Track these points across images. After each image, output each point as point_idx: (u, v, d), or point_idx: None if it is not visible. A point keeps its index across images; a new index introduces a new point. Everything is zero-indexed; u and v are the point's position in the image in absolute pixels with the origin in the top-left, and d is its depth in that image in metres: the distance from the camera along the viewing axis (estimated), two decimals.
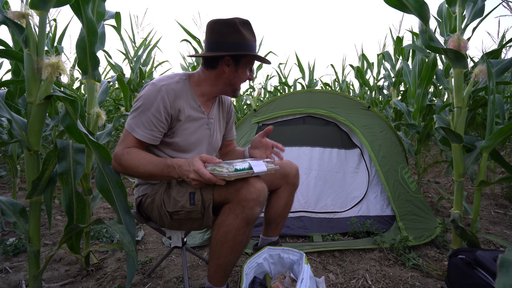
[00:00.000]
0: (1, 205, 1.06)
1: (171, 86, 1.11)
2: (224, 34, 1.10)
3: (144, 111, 1.06)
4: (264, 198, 1.01)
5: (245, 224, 0.99)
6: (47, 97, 1.02)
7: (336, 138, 2.09)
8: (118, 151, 1.06)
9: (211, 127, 1.25)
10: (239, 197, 0.98)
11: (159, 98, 1.06)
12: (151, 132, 1.07)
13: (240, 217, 0.98)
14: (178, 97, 1.12)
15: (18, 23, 1.01)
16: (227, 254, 1.02)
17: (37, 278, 1.07)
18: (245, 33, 1.12)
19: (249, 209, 0.98)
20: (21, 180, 3.30)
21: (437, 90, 3.19)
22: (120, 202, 1.06)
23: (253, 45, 1.15)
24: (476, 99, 1.70)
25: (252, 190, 0.98)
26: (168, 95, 1.08)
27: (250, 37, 1.14)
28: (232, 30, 1.10)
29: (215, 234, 1.02)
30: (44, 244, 1.79)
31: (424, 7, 1.29)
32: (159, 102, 1.06)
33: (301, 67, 5.08)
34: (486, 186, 1.50)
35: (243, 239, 1.02)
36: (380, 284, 1.39)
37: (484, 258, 1.08)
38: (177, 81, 1.14)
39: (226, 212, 1.01)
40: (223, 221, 1.00)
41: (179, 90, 1.13)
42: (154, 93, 1.07)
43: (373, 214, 1.95)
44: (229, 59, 1.14)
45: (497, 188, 2.99)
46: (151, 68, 4.03)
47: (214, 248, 1.03)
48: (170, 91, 1.10)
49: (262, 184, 1.02)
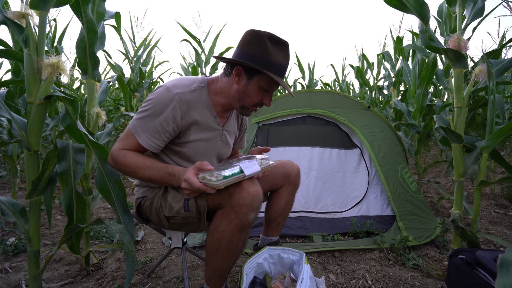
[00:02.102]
0: (1, 205, 1.06)
1: (185, 96, 1.03)
2: (248, 43, 1.02)
3: (152, 117, 0.99)
4: (258, 203, 0.96)
5: (239, 230, 0.95)
6: (47, 97, 1.02)
7: (336, 138, 2.09)
8: (115, 149, 1.01)
9: (224, 139, 1.19)
10: (232, 202, 0.94)
11: (170, 108, 0.99)
12: (155, 140, 1.01)
13: (234, 223, 0.94)
14: (193, 107, 1.05)
15: (18, 23, 1.01)
16: (222, 260, 1.00)
17: (37, 278, 1.07)
18: (271, 49, 1.00)
19: (242, 215, 0.93)
20: (21, 180, 3.30)
21: (437, 90, 3.20)
22: (119, 202, 1.06)
23: (277, 65, 1.01)
24: (476, 99, 1.70)
25: (245, 195, 0.93)
26: (180, 105, 1.01)
27: (276, 56, 1.01)
28: (257, 41, 1.00)
29: (209, 239, 0.99)
30: (44, 244, 1.79)
31: (424, 7, 1.29)
32: (169, 112, 0.99)
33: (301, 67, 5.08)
34: (486, 186, 1.50)
35: (238, 245, 0.98)
36: (380, 284, 1.39)
37: (484, 258, 1.08)
38: (194, 90, 1.06)
39: (219, 217, 0.97)
40: (217, 227, 0.97)
41: (195, 99, 1.05)
42: (166, 101, 1.00)
43: (373, 214, 1.95)
44: (241, 70, 1.03)
45: (497, 188, 2.99)
46: (151, 68, 4.03)
47: (209, 254, 1.01)
48: (184, 101, 1.02)
49: (256, 188, 0.96)
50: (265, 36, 1.00)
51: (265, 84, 1.04)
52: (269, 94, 1.08)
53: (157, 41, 3.72)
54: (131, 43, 3.61)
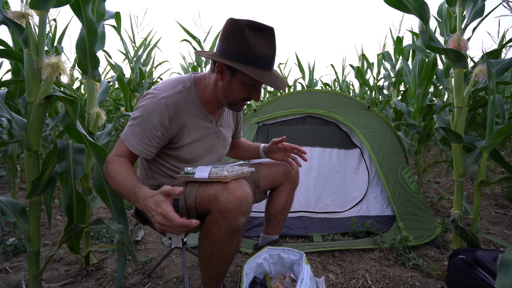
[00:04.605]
0: (1, 205, 1.06)
1: (171, 98, 1.00)
2: (227, 35, 0.95)
3: (140, 124, 0.98)
4: (247, 207, 0.91)
5: (230, 235, 0.92)
6: (47, 97, 1.02)
7: (336, 138, 2.09)
8: (109, 156, 1.01)
9: (219, 135, 1.18)
10: (219, 207, 0.89)
11: (156, 113, 0.97)
12: (144, 145, 0.99)
13: (224, 228, 0.90)
14: (181, 109, 1.03)
15: (18, 23, 1.01)
16: (216, 265, 0.98)
17: (37, 278, 1.07)
18: (252, 40, 0.92)
19: (232, 219, 0.89)
20: (21, 180, 3.30)
21: (437, 90, 3.19)
22: (115, 204, 1.06)
23: (261, 58, 0.94)
24: (476, 99, 1.70)
25: (232, 199, 0.88)
26: (167, 109, 0.99)
27: (258, 47, 0.93)
28: (235, 33, 0.93)
29: (201, 245, 0.97)
30: (44, 244, 1.79)
31: (424, 7, 1.29)
32: (156, 117, 0.97)
33: (301, 67, 5.08)
34: (486, 186, 1.50)
35: (230, 250, 0.96)
36: (380, 284, 1.39)
37: (484, 258, 1.08)
38: (180, 91, 1.03)
39: (209, 223, 0.93)
40: (207, 233, 0.93)
41: (182, 101, 1.03)
42: (152, 106, 0.98)
43: (373, 214, 1.95)
44: (223, 66, 0.98)
45: (497, 188, 2.99)
46: (151, 68, 4.03)
47: (202, 259, 0.99)
48: (170, 104, 1.00)
49: (243, 190, 0.91)
50: (244, 26, 0.92)
51: (249, 80, 0.98)
52: (256, 88, 1.02)
53: (157, 41, 3.72)
54: (131, 43, 3.61)
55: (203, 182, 0.96)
